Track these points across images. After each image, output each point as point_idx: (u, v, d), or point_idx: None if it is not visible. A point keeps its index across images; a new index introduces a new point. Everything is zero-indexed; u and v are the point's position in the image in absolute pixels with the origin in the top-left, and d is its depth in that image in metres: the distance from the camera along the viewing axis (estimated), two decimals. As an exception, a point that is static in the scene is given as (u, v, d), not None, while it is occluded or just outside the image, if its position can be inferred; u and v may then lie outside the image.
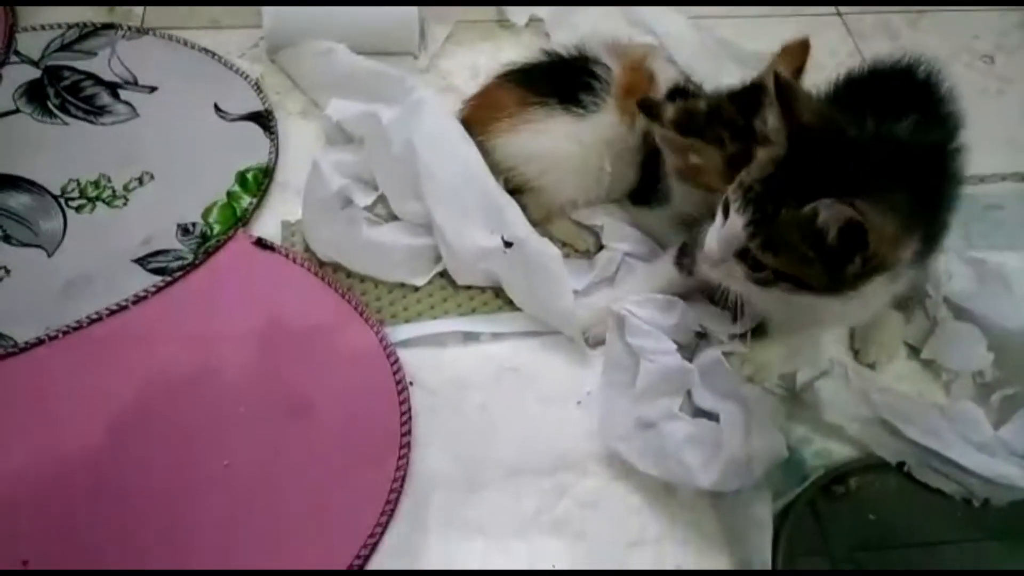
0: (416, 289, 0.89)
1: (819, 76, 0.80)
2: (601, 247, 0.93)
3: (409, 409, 0.79)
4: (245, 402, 0.80)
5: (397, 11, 1.08)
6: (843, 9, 1.23)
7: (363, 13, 1.07)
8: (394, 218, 0.93)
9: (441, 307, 0.88)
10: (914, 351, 0.89)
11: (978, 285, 0.91)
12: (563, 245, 0.93)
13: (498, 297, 0.90)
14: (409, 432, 0.78)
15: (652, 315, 0.83)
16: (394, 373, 0.81)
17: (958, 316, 0.89)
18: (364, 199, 0.92)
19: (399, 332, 0.86)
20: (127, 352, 0.82)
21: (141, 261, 0.88)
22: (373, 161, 0.94)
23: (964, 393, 0.85)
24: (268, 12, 1.06)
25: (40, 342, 0.81)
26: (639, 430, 0.78)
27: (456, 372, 0.84)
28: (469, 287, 0.90)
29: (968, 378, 0.86)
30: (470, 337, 0.87)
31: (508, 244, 0.86)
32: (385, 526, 0.73)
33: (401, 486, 0.75)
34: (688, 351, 0.84)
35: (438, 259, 0.90)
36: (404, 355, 0.84)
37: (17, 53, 1.05)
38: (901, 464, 0.79)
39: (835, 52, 1.15)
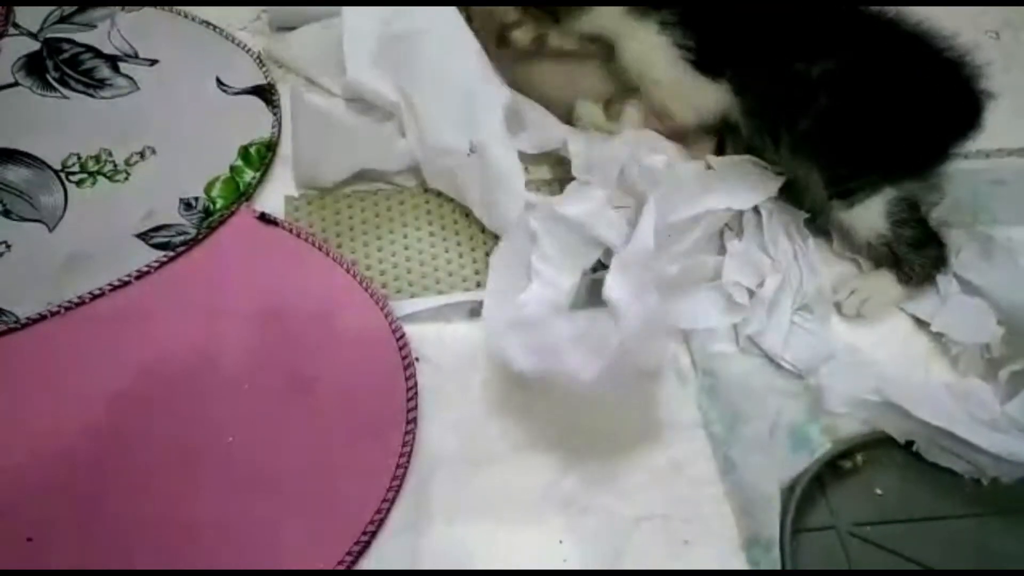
0: (421, 264, 0.89)
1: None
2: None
3: (415, 385, 0.79)
4: (249, 378, 0.79)
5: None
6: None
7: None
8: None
9: (447, 281, 0.88)
10: (922, 325, 0.89)
11: (985, 260, 0.91)
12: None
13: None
14: (415, 408, 0.78)
15: (571, 209, 0.84)
16: (400, 349, 0.81)
17: (966, 291, 0.89)
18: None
19: (404, 307, 0.85)
20: (129, 328, 0.81)
21: (143, 236, 0.87)
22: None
23: (972, 369, 0.85)
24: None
25: (42, 318, 0.80)
26: (522, 327, 0.78)
27: (462, 347, 0.84)
28: (474, 260, 0.90)
29: (976, 353, 0.85)
30: (476, 312, 0.86)
31: (472, 150, 0.89)
32: (392, 502, 0.73)
33: (407, 462, 0.75)
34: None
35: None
36: (409, 330, 0.83)
37: (16, 25, 1.04)
38: (910, 443, 0.79)
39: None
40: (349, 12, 0.99)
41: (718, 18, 0.89)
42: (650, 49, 0.90)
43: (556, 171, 0.97)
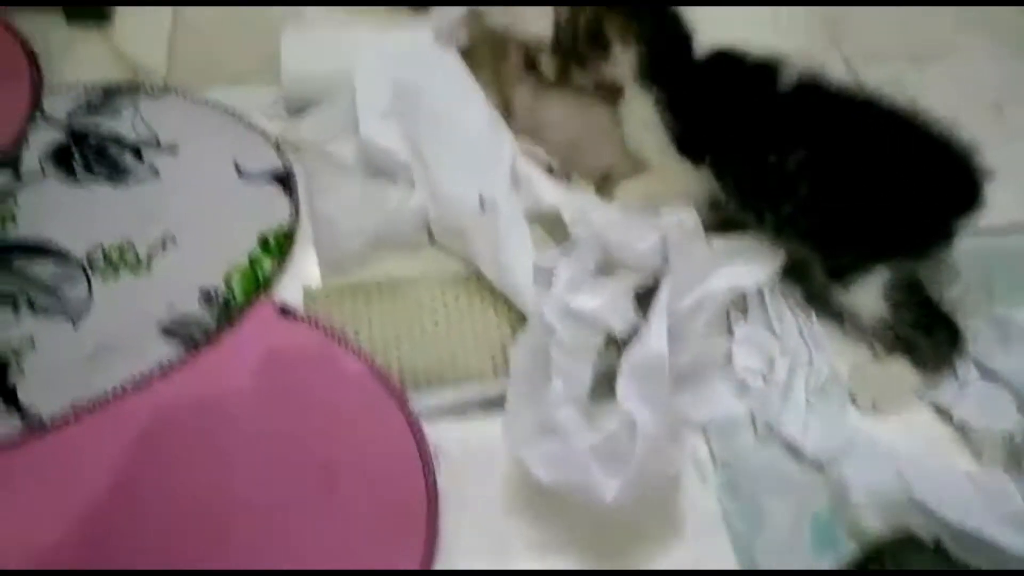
0: (439, 356, 0.89)
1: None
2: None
3: (436, 483, 0.79)
4: (268, 478, 0.79)
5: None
6: (847, 54, 1.23)
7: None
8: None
9: (465, 373, 0.88)
10: (942, 412, 0.88)
11: (1003, 344, 0.90)
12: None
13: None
14: (437, 506, 0.78)
15: (584, 302, 0.83)
16: (418, 444, 0.81)
17: (986, 377, 0.88)
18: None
19: (423, 400, 0.85)
20: (151, 427, 0.81)
21: (166, 330, 0.88)
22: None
23: (995, 459, 0.84)
24: (286, 70, 1.07)
25: (65, 422, 0.81)
26: (544, 437, 0.78)
27: (479, 440, 0.83)
28: (491, 350, 0.89)
29: (999, 443, 0.84)
30: (494, 404, 0.85)
31: (483, 205, 0.90)
32: (414, 606, 0.73)
33: (429, 564, 0.75)
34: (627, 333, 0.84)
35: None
36: (428, 424, 0.83)
37: (43, 113, 1.06)
38: (937, 542, 0.77)
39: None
40: (361, 71, 1.01)
41: (695, 105, 0.91)
42: (642, 123, 0.93)
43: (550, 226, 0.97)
